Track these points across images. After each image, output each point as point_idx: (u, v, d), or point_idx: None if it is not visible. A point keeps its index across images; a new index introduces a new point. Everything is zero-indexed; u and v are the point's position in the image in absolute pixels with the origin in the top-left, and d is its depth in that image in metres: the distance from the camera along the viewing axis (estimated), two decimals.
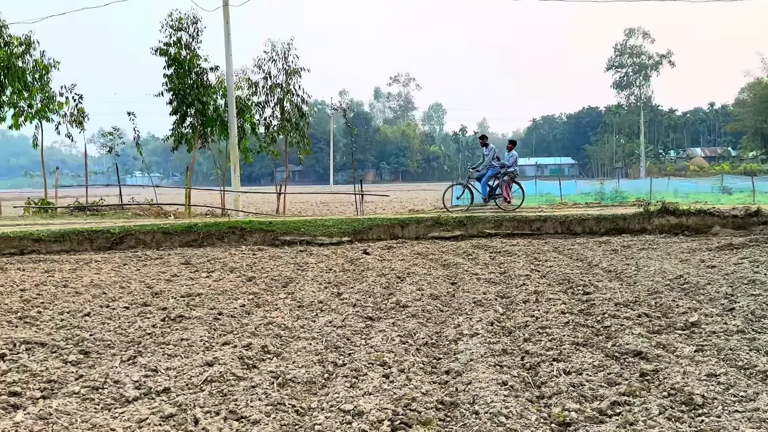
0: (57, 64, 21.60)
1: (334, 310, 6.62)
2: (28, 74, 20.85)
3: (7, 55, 20.11)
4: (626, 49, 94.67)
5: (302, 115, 22.24)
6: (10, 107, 20.90)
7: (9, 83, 20.36)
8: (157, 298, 7.39)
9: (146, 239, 12.65)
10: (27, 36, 20.87)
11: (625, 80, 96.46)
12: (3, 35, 20.31)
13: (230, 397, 4.00)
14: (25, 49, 20.79)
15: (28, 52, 20.88)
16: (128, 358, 4.93)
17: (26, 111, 21.15)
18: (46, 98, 21.38)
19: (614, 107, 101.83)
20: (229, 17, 19.71)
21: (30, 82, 20.90)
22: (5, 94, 20.63)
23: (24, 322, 6.28)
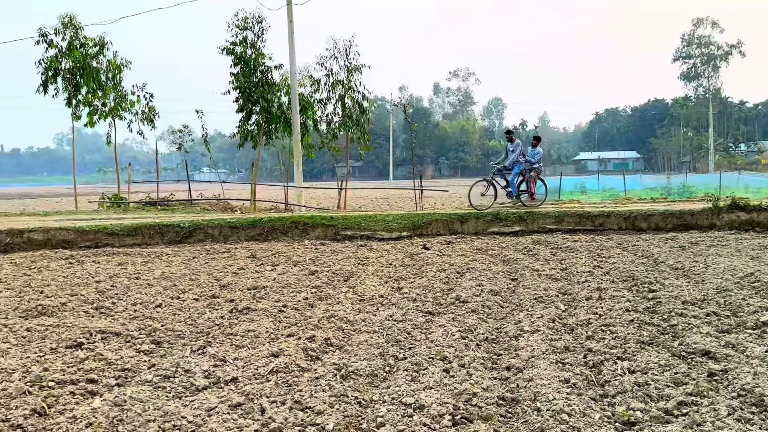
0: (129, 64, 22.34)
1: (395, 304, 6.67)
2: (102, 74, 21.62)
3: (83, 56, 20.93)
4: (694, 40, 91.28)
5: (363, 111, 22.36)
6: (86, 106, 21.74)
7: (84, 83, 21.19)
8: (225, 291, 7.60)
9: (214, 233, 12.99)
10: (101, 37, 21.65)
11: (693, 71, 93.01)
12: (79, 37, 21.12)
13: (295, 387, 4.09)
14: (99, 49, 21.58)
15: (102, 52, 21.66)
16: (198, 348, 5.10)
17: (100, 109, 21.96)
18: (118, 97, 22.14)
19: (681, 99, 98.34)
20: (293, 16, 19.97)
21: (104, 82, 21.68)
22: (81, 94, 21.47)
23: (99, 312, 6.57)
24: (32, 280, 8.48)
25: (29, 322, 6.12)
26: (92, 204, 23.43)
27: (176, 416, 3.64)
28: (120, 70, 21.99)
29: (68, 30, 20.86)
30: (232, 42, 21.07)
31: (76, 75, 20.91)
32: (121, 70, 22.04)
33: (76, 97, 21.32)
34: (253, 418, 3.64)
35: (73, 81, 20.97)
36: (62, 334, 5.58)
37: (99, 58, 21.51)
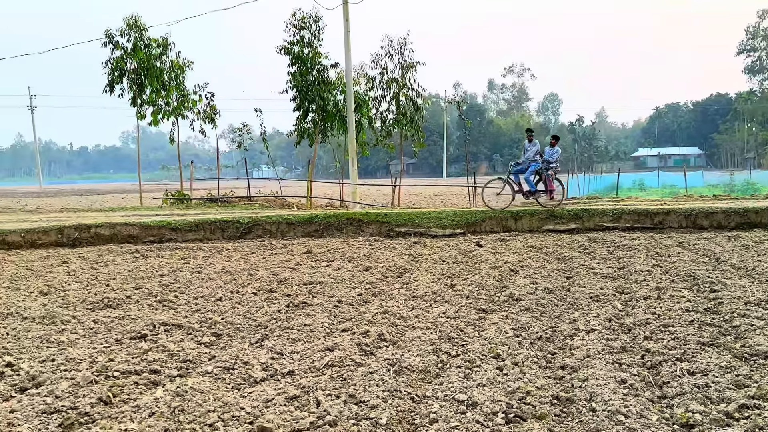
0: (191, 64, 22.88)
1: (448, 301, 6.64)
2: (165, 74, 22.20)
3: (147, 57, 21.53)
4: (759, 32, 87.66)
5: (417, 108, 22.33)
6: (150, 105, 22.37)
7: (148, 83, 21.80)
8: (282, 285, 7.72)
9: (272, 229, 13.21)
10: (164, 38, 22.23)
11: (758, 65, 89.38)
12: (143, 38, 21.74)
13: (349, 381, 4.13)
14: (163, 50, 22.15)
15: (165, 53, 22.23)
16: (256, 341, 5.20)
17: (164, 109, 22.55)
18: (181, 96, 22.69)
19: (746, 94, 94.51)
20: (349, 14, 20.08)
21: (167, 82, 22.25)
22: (145, 93, 22.10)
23: (163, 305, 6.77)
24: (99, 274, 8.80)
25: (96, 314, 6.35)
26: (156, 200, 24.13)
27: (235, 407, 3.72)
28: (182, 70, 22.53)
29: (133, 31, 21.49)
30: (289, 42, 21.33)
31: (141, 75, 21.53)
32: (184, 70, 22.58)
33: (141, 96, 21.95)
34: (309, 411, 3.69)
35: (138, 81, 21.61)
36: (127, 326, 5.78)
37: (162, 58, 22.08)
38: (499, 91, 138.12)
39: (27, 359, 4.76)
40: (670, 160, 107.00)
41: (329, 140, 24.11)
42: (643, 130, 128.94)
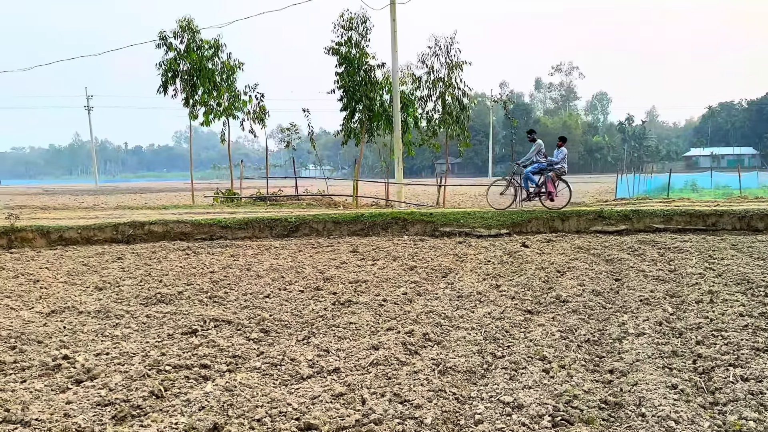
0: (241, 65, 23.24)
1: (493, 301, 6.58)
2: (217, 75, 22.62)
3: (199, 58, 21.97)
4: None
5: (463, 108, 22.19)
6: (202, 106, 22.82)
7: (200, 84, 22.24)
8: (328, 283, 7.76)
9: (319, 228, 13.31)
10: (216, 39, 22.65)
11: None
12: (196, 40, 22.19)
13: (394, 380, 4.12)
14: (214, 52, 22.57)
15: (216, 54, 22.64)
16: (303, 338, 5.24)
17: (215, 109, 22.98)
18: (232, 97, 23.08)
19: None
20: (396, 15, 20.08)
21: (218, 83, 22.67)
22: (197, 94, 22.56)
23: (213, 301, 6.89)
24: (152, 270, 9.01)
25: (149, 309, 6.51)
26: (207, 199, 24.60)
27: (282, 403, 3.75)
28: (233, 71, 22.90)
29: (186, 33, 21.94)
30: (337, 42, 21.48)
31: (193, 76, 21.97)
32: (235, 71, 22.95)
33: (193, 97, 22.40)
34: (354, 408, 3.70)
35: (191, 82, 22.06)
36: (179, 321, 5.90)
37: (214, 59, 22.50)
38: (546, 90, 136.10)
39: (82, 352, 4.91)
40: (724, 160, 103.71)
41: (375, 140, 24.18)
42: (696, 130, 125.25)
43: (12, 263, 9.88)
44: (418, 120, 22.97)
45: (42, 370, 4.52)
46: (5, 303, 6.85)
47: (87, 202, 30.92)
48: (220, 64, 22.60)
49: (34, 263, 9.84)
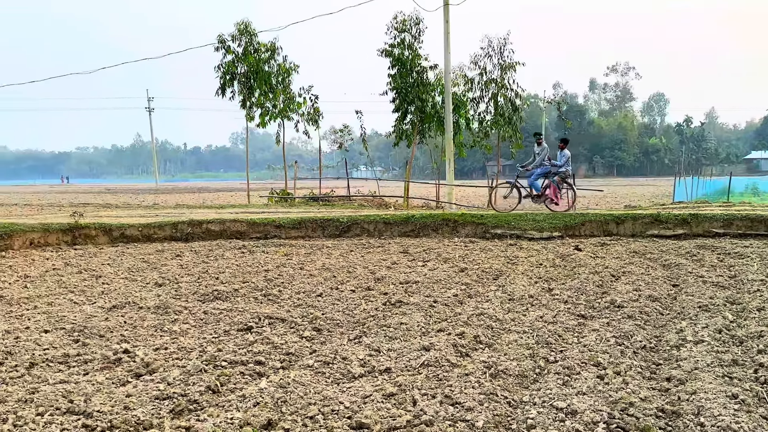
0: (297, 68, 23.53)
1: (545, 305, 6.47)
2: (273, 77, 22.95)
3: (256, 61, 22.34)
4: None
5: (515, 109, 21.91)
6: (258, 107, 23.20)
7: (257, 86, 22.61)
8: (379, 284, 7.77)
9: (370, 228, 13.35)
10: (272, 42, 22.99)
11: None
12: (253, 43, 22.57)
13: (445, 382, 4.09)
14: (271, 54, 22.91)
15: (273, 57, 22.98)
16: (354, 338, 5.26)
17: (271, 111, 23.33)
18: (287, 99, 23.39)
19: None
20: (449, 16, 19.97)
21: (274, 85, 23.01)
22: (254, 96, 22.95)
23: (267, 299, 6.98)
24: (209, 267, 9.20)
25: (206, 305, 6.64)
26: (262, 198, 24.99)
27: (334, 401, 3.77)
28: (289, 74, 23.21)
29: (244, 37, 22.35)
30: (390, 44, 21.51)
31: (250, 79, 22.36)
32: (290, 74, 23.25)
33: (250, 99, 22.80)
34: (405, 409, 3.68)
35: (248, 84, 22.46)
36: (234, 318, 6.00)
37: (270, 62, 22.84)
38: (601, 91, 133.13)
39: (142, 347, 5.04)
40: None
41: (426, 141, 24.10)
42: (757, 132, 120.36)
43: (76, 259, 10.23)
44: (470, 121, 22.80)
45: (103, 363, 4.66)
46: (69, 297, 7.09)
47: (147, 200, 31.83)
48: (276, 67, 22.93)
49: (97, 259, 10.17)
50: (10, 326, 5.74)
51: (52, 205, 25.94)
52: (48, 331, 5.58)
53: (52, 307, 6.62)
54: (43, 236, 12.00)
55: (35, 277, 8.48)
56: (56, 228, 12.25)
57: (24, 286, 7.84)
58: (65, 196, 39.21)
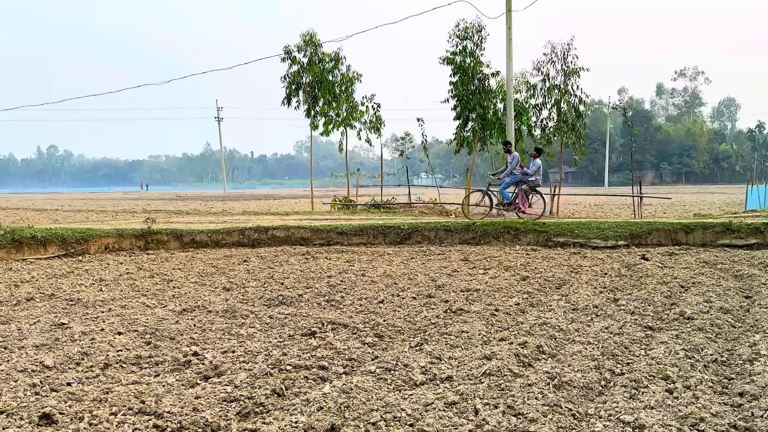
0: (360, 77, 23.79)
1: (610, 316, 6.28)
2: (337, 87, 23.29)
3: (321, 71, 22.72)
4: None
5: (579, 115, 21.45)
6: (322, 116, 23.57)
7: (321, 95, 22.99)
8: (440, 291, 7.74)
9: (430, 236, 13.32)
10: (336, 52, 23.33)
11: None
12: (318, 53, 22.96)
13: (507, 392, 4.03)
14: (335, 64, 23.27)
15: (336, 67, 23.33)
16: (415, 345, 5.25)
17: (334, 119, 23.66)
18: (350, 108, 23.68)
19: None
20: (512, 23, 19.78)
21: (338, 94, 23.34)
22: (318, 105, 23.32)
23: (330, 304, 7.05)
24: (275, 273, 9.36)
25: (271, 310, 6.76)
26: (325, 205, 25.30)
27: (396, 408, 3.76)
28: (352, 83, 23.50)
29: (309, 47, 22.77)
30: (452, 52, 21.46)
31: (315, 88, 22.75)
32: (353, 83, 23.54)
33: (314, 108, 23.18)
34: (467, 419, 3.64)
35: (312, 94, 22.85)
36: (298, 323, 6.09)
37: (334, 72, 23.18)
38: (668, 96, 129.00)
39: (210, 350, 5.16)
40: None
41: (488, 148, 23.89)
42: None
43: (148, 263, 10.60)
44: (532, 128, 22.48)
45: (174, 365, 4.79)
46: (142, 301, 7.35)
47: (216, 207, 32.71)
48: (340, 76, 23.24)
49: (168, 264, 10.51)
50: (86, 328, 5.99)
51: (126, 212, 27.00)
52: (121, 333, 5.80)
53: (125, 309, 6.88)
54: (117, 241, 12.50)
55: (110, 281, 8.84)
56: (130, 233, 12.74)
57: (99, 290, 8.18)
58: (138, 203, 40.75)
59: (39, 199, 54.07)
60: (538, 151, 16.74)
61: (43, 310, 6.93)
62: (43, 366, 4.73)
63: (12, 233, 11.68)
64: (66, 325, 6.10)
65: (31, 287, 8.35)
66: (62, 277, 9.28)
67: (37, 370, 4.65)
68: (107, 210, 29.12)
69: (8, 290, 8.15)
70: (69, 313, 6.72)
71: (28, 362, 4.81)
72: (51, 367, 4.72)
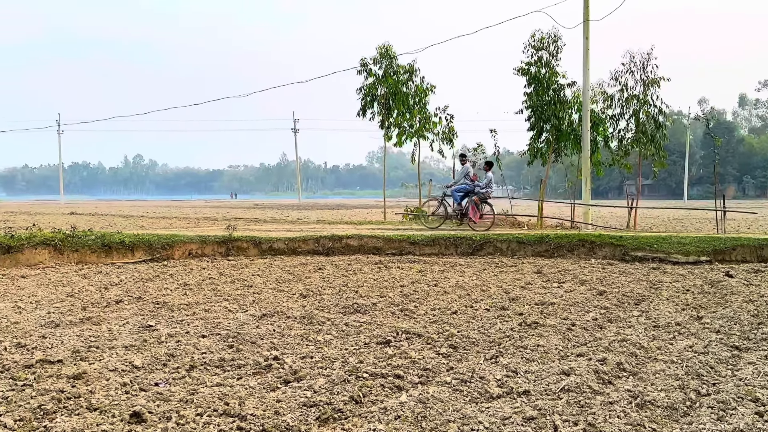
0: (433, 89, 23.83)
1: (694, 334, 6.01)
2: (410, 98, 23.40)
3: (396, 83, 22.89)
4: None
5: (659, 126, 20.67)
6: (396, 127, 23.72)
7: (395, 107, 23.15)
8: (514, 303, 7.61)
9: (502, 247, 13.14)
10: (410, 64, 23.47)
11: None
12: (393, 65, 23.16)
13: (588, 409, 3.91)
14: (409, 76, 23.40)
15: (410, 79, 23.46)
16: (491, 357, 5.17)
17: (407, 131, 23.76)
18: (423, 119, 23.73)
19: None
20: (589, 33, 19.34)
21: (411, 105, 23.45)
22: (392, 116, 23.49)
23: (404, 314, 7.06)
24: (349, 281, 9.46)
25: (347, 317, 6.83)
26: (397, 216, 25.39)
27: (473, 420, 3.72)
28: (426, 94, 23.57)
29: (384, 59, 23.00)
30: (527, 62, 21.17)
31: (389, 100, 22.94)
32: (427, 94, 23.61)
33: (389, 119, 23.37)
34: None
35: (386, 105, 23.05)
36: (373, 331, 6.12)
37: (408, 83, 23.31)
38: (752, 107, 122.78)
39: (290, 354, 5.26)
40: None
41: (562, 160, 23.40)
42: None
43: (229, 269, 10.92)
44: (608, 139, 21.86)
45: (255, 368, 4.91)
46: (224, 305, 7.57)
47: (291, 216, 33.38)
48: (414, 88, 23.35)
49: (248, 270, 10.80)
50: (172, 330, 6.22)
51: (207, 219, 27.95)
52: (205, 336, 5.99)
53: (208, 313, 7.10)
54: (200, 247, 12.95)
55: (193, 285, 9.16)
56: (212, 240, 13.17)
57: (184, 293, 8.48)
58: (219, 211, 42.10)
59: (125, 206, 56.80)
60: (489, 165, 17.55)
61: (132, 312, 7.25)
62: (132, 366, 4.93)
63: (102, 238, 12.30)
64: (153, 328, 6.36)
65: (120, 290, 8.76)
66: (149, 280, 9.69)
67: (127, 369, 4.86)
68: (189, 217, 30.23)
69: (99, 293, 8.57)
70: (155, 316, 7.00)
71: (118, 362, 5.03)
72: (140, 367, 4.92)
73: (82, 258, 11.82)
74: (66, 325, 6.55)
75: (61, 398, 4.15)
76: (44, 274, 10.27)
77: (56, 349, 5.48)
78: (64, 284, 9.31)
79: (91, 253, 11.93)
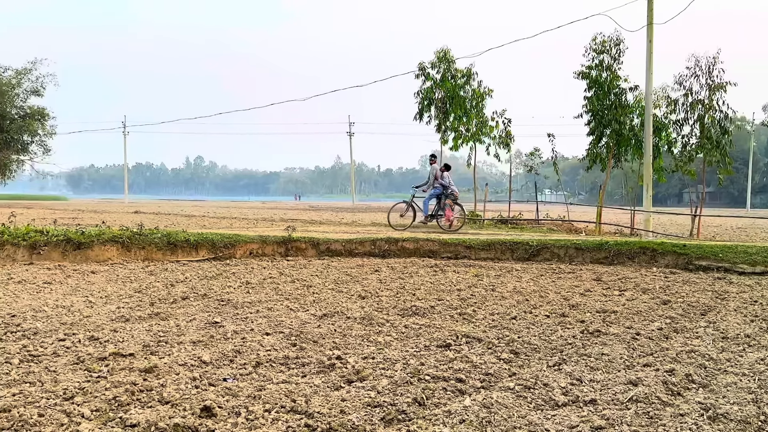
0: (491, 93, 23.65)
1: (765, 347, 5.76)
2: (467, 102, 23.30)
3: (453, 87, 22.83)
4: None
5: (725, 132, 19.94)
6: (452, 131, 23.64)
7: (452, 111, 23.08)
8: (574, 311, 7.46)
9: (560, 253, 12.91)
10: (468, 69, 23.34)
11: None
12: (450, 69, 23.10)
13: (657, 421, 3.80)
14: (466, 80, 23.30)
15: (468, 82, 23.35)
16: (554, 364, 5.08)
17: (464, 134, 23.65)
18: (480, 123, 23.58)
19: None
20: (653, 36, 18.82)
21: (468, 109, 23.34)
22: (449, 120, 23.42)
23: (462, 318, 7.01)
24: (406, 284, 9.46)
25: (406, 320, 6.82)
26: None
27: (540, 427, 3.66)
28: (483, 98, 23.43)
29: (442, 64, 22.98)
30: (588, 66, 20.81)
31: (446, 104, 22.91)
32: (484, 98, 23.47)
33: (445, 123, 23.33)
34: None
35: (444, 109, 23.01)
36: (433, 334, 6.10)
37: (465, 87, 23.21)
38: None
39: (352, 354, 5.29)
40: None
41: (621, 165, 22.85)
42: None
43: (288, 270, 11.07)
44: (671, 145, 21.22)
45: (319, 367, 4.96)
46: (286, 304, 7.68)
47: (346, 218, 33.62)
48: (471, 92, 23.23)
49: (306, 270, 10.93)
50: (237, 327, 6.35)
51: (266, 220, 28.43)
52: (269, 334, 6.09)
53: (271, 312, 7.22)
54: (261, 247, 13.18)
55: (255, 284, 9.32)
56: (272, 240, 13.39)
57: (246, 292, 8.65)
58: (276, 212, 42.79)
59: (187, 206, 58.29)
60: (447, 167, 18.33)
61: (198, 308, 7.43)
62: (200, 361, 5.05)
63: (168, 236, 12.66)
64: (219, 324, 6.50)
65: (185, 287, 8.99)
66: (213, 278, 9.92)
67: (196, 364, 4.98)
68: (248, 218, 30.79)
69: (165, 289, 8.82)
70: (221, 313, 7.16)
71: (187, 357, 5.16)
72: (208, 362, 5.04)
73: (148, 255, 12.20)
74: (135, 319, 6.77)
75: (134, 390, 4.28)
76: (113, 270, 10.65)
77: (127, 342, 5.66)
78: (132, 280, 9.63)
79: (156, 250, 12.30)
